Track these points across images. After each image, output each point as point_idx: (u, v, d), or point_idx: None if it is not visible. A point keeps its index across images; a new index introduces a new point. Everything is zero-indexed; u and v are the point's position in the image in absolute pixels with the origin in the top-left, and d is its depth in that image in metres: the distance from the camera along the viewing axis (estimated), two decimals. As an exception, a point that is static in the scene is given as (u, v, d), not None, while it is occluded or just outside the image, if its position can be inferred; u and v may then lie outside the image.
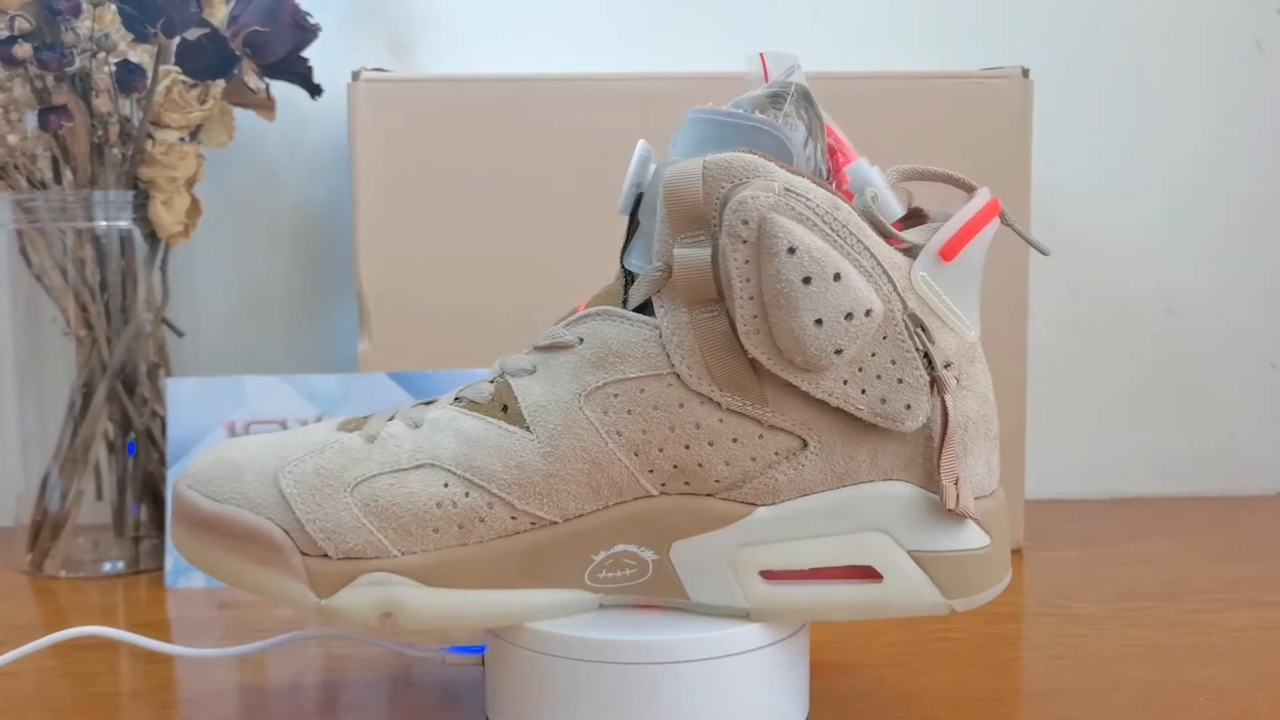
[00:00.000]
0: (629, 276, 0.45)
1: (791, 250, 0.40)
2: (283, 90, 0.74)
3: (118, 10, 0.67)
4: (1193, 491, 0.89)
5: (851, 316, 0.41)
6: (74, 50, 0.66)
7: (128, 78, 0.67)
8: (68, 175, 0.69)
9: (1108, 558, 0.72)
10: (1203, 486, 0.89)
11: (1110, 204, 0.87)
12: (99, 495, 0.71)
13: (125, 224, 0.70)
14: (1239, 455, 0.90)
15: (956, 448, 0.43)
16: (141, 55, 0.69)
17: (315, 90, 0.73)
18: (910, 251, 0.43)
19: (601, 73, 0.72)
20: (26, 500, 0.72)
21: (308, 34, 0.71)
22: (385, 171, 0.69)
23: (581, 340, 0.43)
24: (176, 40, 0.67)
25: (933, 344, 0.42)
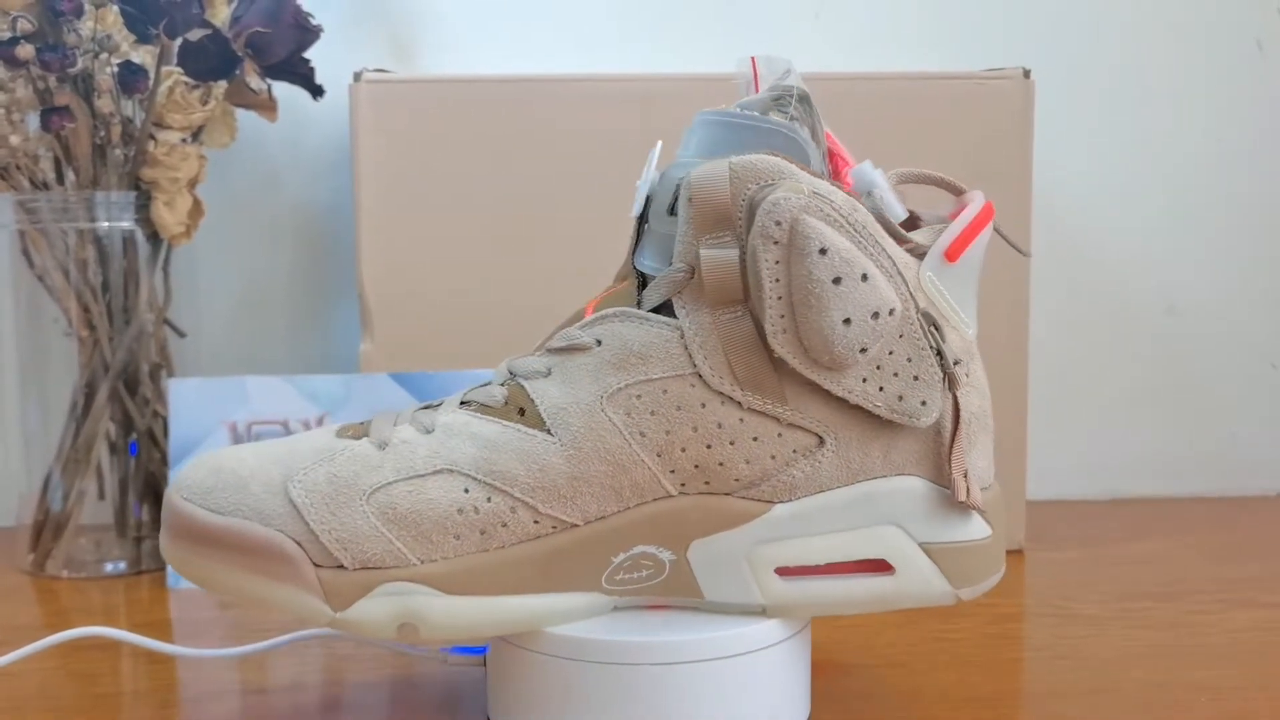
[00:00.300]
0: (641, 278, 0.45)
1: (823, 251, 0.40)
2: (284, 91, 0.74)
3: (120, 11, 0.67)
4: (1193, 492, 0.89)
5: (878, 315, 0.41)
6: (76, 51, 0.66)
7: (130, 78, 0.67)
8: (70, 176, 0.70)
9: (1108, 558, 0.72)
10: (1203, 487, 0.89)
11: (1110, 204, 0.88)
12: (101, 495, 0.71)
13: (127, 225, 0.70)
14: (1239, 455, 0.90)
15: (964, 442, 0.44)
16: (144, 56, 0.69)
17: (317, 91, 0.73)
18: (915, 252, 0.44)
19: (602, 73, 0.72)
20: (29, 500, 0.72)
21: (309, 35, 0.71)
22: (387, 172, 0.69)
23: (599, 342, 0.43)
24: (178, 41, 0.67)
25: (944, 342, 0.43)
